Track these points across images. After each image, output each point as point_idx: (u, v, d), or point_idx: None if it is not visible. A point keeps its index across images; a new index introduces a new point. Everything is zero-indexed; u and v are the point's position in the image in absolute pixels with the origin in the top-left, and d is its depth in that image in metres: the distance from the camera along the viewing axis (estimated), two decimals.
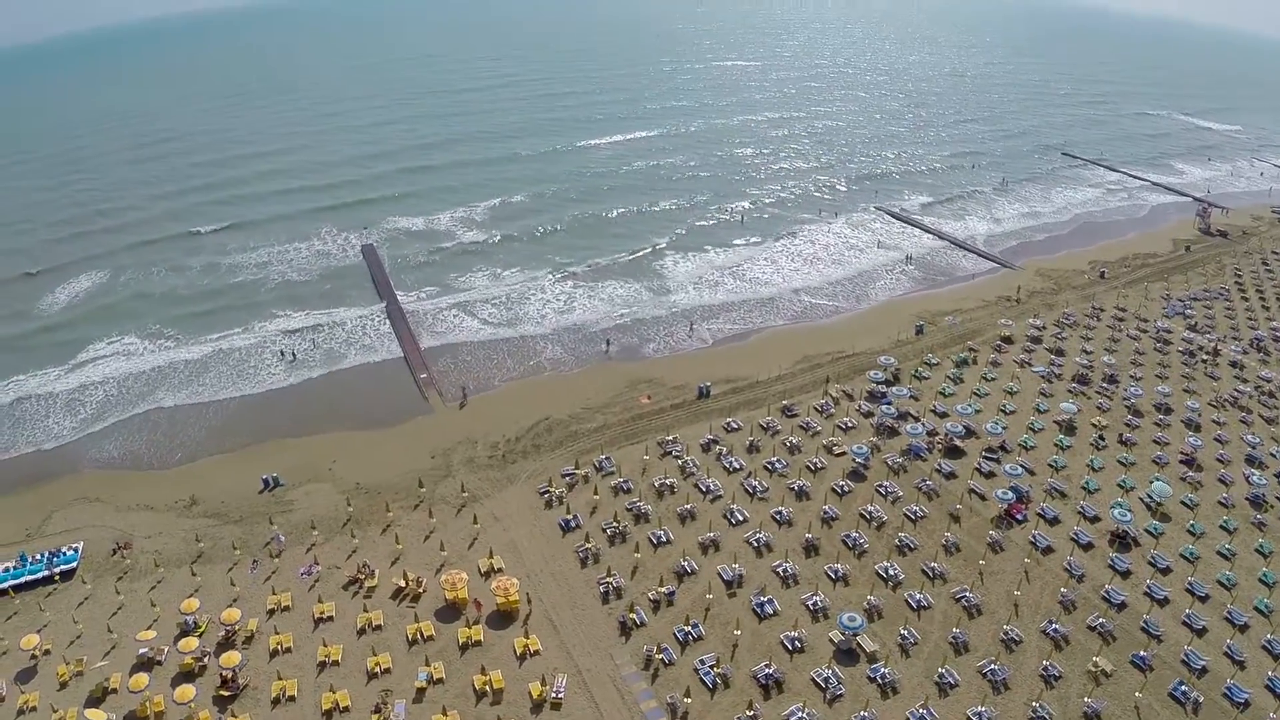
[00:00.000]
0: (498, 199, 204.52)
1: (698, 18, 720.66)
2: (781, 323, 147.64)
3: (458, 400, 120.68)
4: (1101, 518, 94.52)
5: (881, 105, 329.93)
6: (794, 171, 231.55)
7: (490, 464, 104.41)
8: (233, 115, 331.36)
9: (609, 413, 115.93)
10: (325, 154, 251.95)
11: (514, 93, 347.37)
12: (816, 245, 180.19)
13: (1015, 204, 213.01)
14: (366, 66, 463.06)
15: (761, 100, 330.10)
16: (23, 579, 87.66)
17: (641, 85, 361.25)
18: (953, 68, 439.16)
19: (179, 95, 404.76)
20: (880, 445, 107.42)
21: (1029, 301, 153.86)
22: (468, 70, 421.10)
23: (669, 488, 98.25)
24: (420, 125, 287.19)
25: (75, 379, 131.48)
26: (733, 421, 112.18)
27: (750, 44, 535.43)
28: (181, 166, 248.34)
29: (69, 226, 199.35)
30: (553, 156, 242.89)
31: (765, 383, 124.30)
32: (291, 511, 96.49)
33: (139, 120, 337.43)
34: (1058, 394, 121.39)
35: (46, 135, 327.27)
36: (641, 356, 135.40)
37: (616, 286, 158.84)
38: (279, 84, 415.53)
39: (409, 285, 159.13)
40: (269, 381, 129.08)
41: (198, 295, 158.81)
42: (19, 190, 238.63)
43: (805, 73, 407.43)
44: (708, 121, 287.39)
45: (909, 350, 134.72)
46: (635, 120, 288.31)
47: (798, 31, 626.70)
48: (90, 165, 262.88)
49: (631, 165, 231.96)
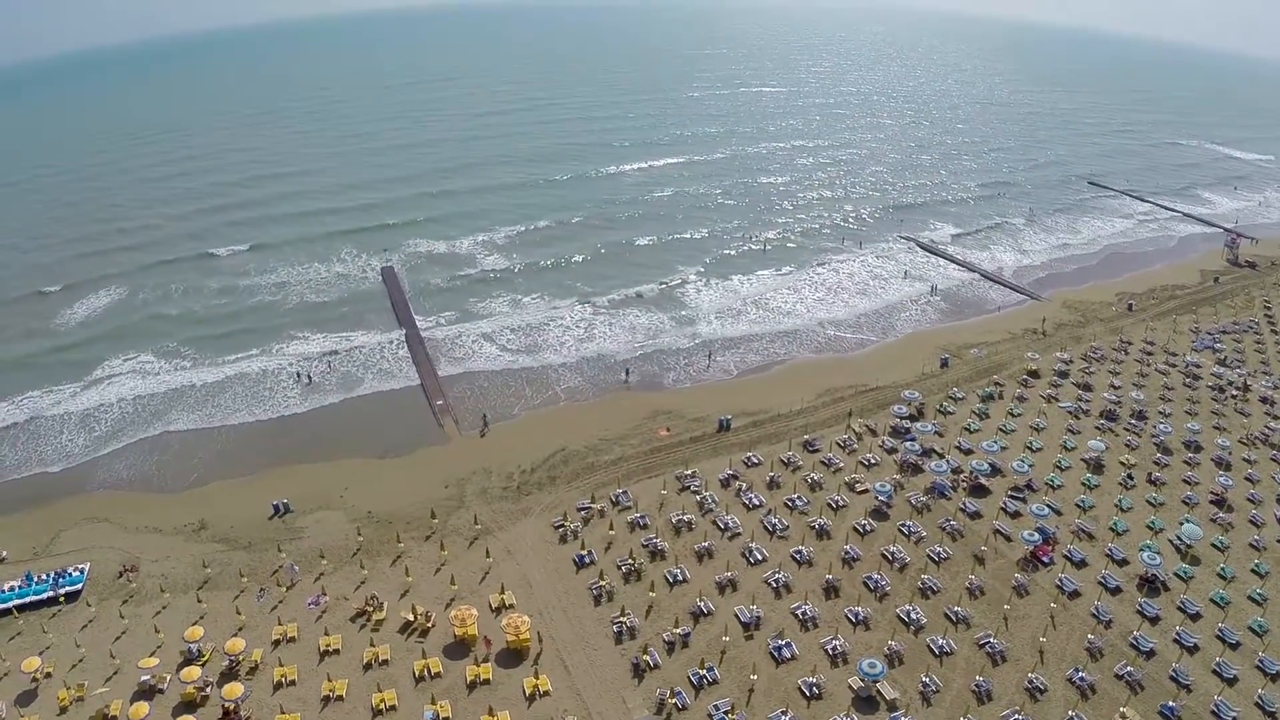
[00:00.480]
0: (520, 225, 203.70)
1: (725, 43, 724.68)
2: (804, 354, 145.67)
3: (478, 428, 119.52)
4: (1130, 560, 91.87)
5: (908, 133, 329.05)
6: (819, 200, 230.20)
7: (504, 495, 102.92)
8: (257, 133, 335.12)
9: (627, 444, 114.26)
10: (347, 176, 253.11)
11: (538, 116, 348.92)
12: (841, 275, 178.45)
13: (1042, 234, 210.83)
14: (392, 87, 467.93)
15: (788, 128, 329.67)
16: (28, 599, 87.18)
17: (668, 111, 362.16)
18: (980, 95, 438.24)
19: (205, 111, 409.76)
20: (903, 483, 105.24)
21: (1056, 334, 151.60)
22: (491, 93, 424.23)
23: (687, 524, 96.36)
24: (443, 148, 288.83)
25: (89, 397, 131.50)
26: (753, 456, 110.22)
27: (777, 70, 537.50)
28: (204, 185, 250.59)
29: (89, 243, 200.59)
30: (576, 183, 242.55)
31: (787, 416, 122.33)
32: (301, 539, 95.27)
33: (164, 136, 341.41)
34: (1085, 430, 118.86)
35: (73, 149, 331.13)
36: (661, 387, 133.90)
37: (638, 315, 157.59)
38: (304, 103, 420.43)
39: (428, 310, 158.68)
40: (283, 405, 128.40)
41: (215, 315, 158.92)
42: (41, 204, 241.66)
43: (832, 99, 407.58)
44: (734, 149, 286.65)
45: (934, 384, 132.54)
46: (661, 147, 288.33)
47: (823, 59, 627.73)
48: (113, 181, 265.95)
49: (656, 193, 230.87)
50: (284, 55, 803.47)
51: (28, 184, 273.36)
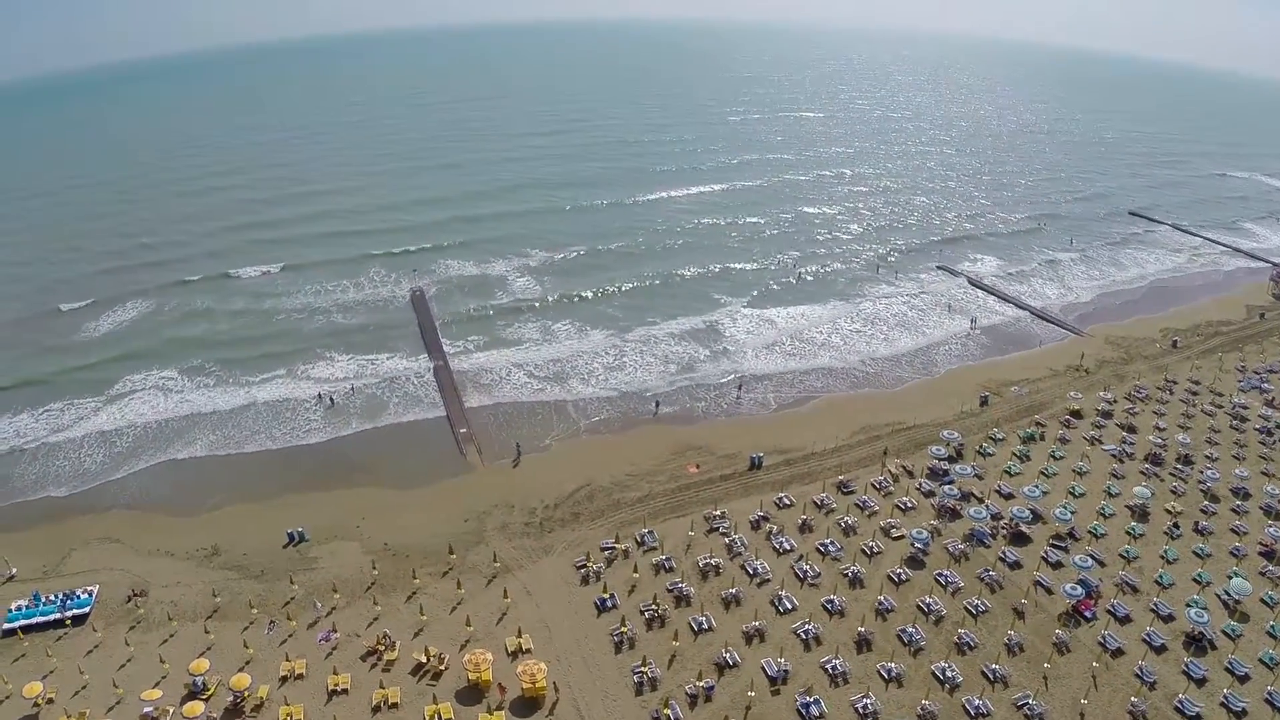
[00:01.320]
0: (553, 251, 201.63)
1: (762, 65, 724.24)
2: (841, 389, 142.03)
3: (504, 458, 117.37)
4: (1176, 616, 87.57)
5: (950, 162, 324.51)
6: (858, 230, 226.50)
7: (526, 532, 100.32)
8: (291, 150, 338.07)
9: (654, 481, 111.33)
10: (379, 196, 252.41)
11: (576, 139, 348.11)
12: (879, 307, 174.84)
13: (1083, 266, 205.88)
14: (429, 105, 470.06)
15: (828, 156, 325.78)
16: (34, 619, 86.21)
17: (707, 135, 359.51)
18: (1023, 123, 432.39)
19: (242, 125, 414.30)
20: (941, 529, 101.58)
21: (1099, 372, 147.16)
22: (528, 114, 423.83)
23: (714, 568, 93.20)
24: (479, 170, 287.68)
25: (110, 414, 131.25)
26: (785, 497, 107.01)
27: (814, 94, 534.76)
28: (234, 202, 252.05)
29: (114, 259, 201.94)
30: (614, 210, 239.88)
31: (821, 455, 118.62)
32: (314, 570, 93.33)
33: (198, 150, 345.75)
34: (1130, 475, 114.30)
35: (106, 160, 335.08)
36: (692, 420, 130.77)
37: (670, 345, 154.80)
38: (339, 119, 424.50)
39: (456, 335, 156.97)
40: (305, 428, 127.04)
41: (239, 335, 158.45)
42: (71, 217, 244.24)
43: (870, 125, 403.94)
44: (773, 176, 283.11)
45: (973, 423, 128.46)
46: (700, 173, 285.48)
47: (858, 83, 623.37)
48: (143, 195, 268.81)
49: (694, 221, 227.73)
50: (323, 70, 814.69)
51: (59, 195, 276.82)
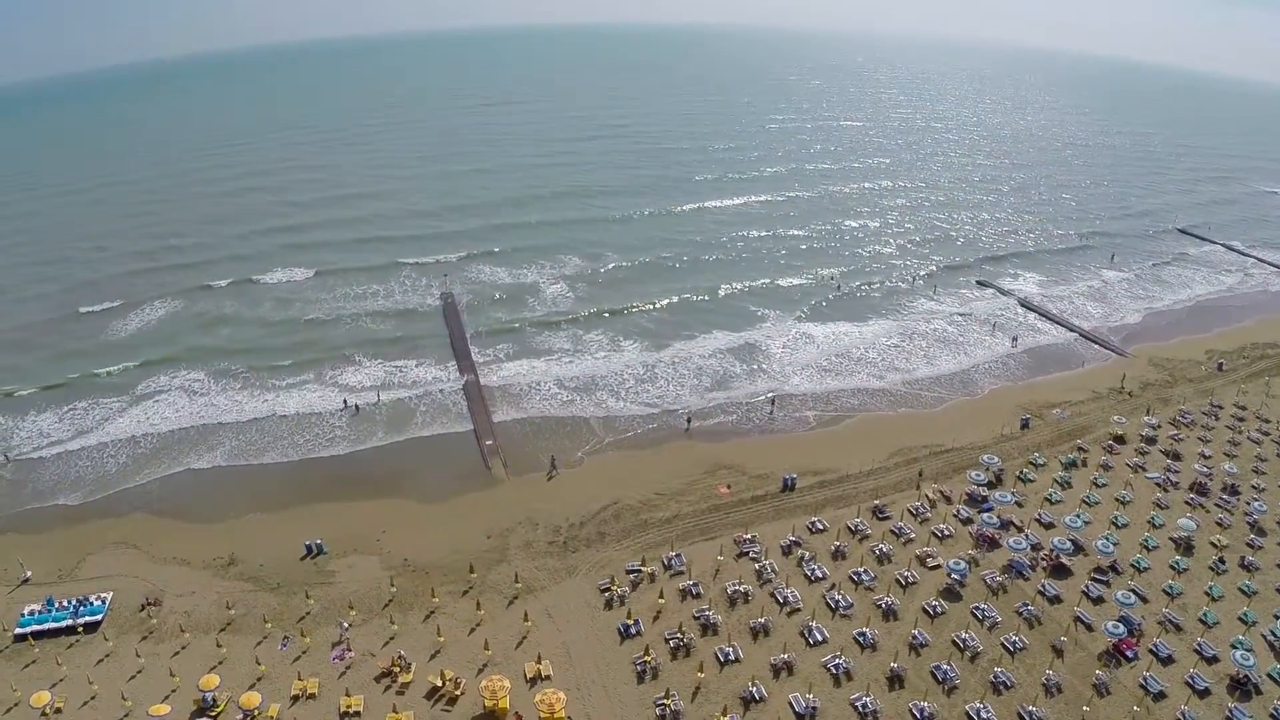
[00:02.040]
0: (587, 261, 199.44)
1: (806, 73, 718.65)
2: (878, 408, 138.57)
3: (537, 471, 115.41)
4: (1220, 658, 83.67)
5: (991, 174, 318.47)
6: (898, 244, 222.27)
7: (550, 551, 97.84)
8: (327, 151, 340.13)
9: (683, 501, 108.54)
10: (412, 201, 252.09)
11: (615, 145, 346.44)
12: (918, 324, 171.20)
13: (1128, 284, 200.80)
14: (466, 108, 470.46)
15: (868, 166, 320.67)
16: (46, 625, 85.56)
17: (748, 143, 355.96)
18: (1066, 135, 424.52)
19: (275, 125, 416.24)
20: (979, 559, 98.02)
21: (1142, 395, 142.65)
22: (564, 119, 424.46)
23: (743, 595, 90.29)
24: (515, 176, 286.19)
25: (134, 416, 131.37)
26: (818, 521, 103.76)
27: (859, 103, 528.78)
28: (266, 203, 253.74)
29: (142, 259, 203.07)
30: (650, 220, 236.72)
31: (856, 477, 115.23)
32: (331, 584, 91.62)
33: (233, 150, 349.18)
34: (1174, 506, 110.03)
35: (140, 158, 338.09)
36: (724, 438, 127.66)
37: (705, 360, 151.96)
38: (376, 121, 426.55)
39: (486, 344, 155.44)
40: (329, 436, 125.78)
41: (266, 340, 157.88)
42: (99, 217, 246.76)
43: (911, 136, 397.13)
44: (813, 187, 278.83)
45: (1013, 447, 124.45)
46: (739, 183, 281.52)
47: (898, 91, 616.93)
48: (175, 194, 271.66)
49: (732, 233, 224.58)
50: (361, 71, 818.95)
51: (91, 193, 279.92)
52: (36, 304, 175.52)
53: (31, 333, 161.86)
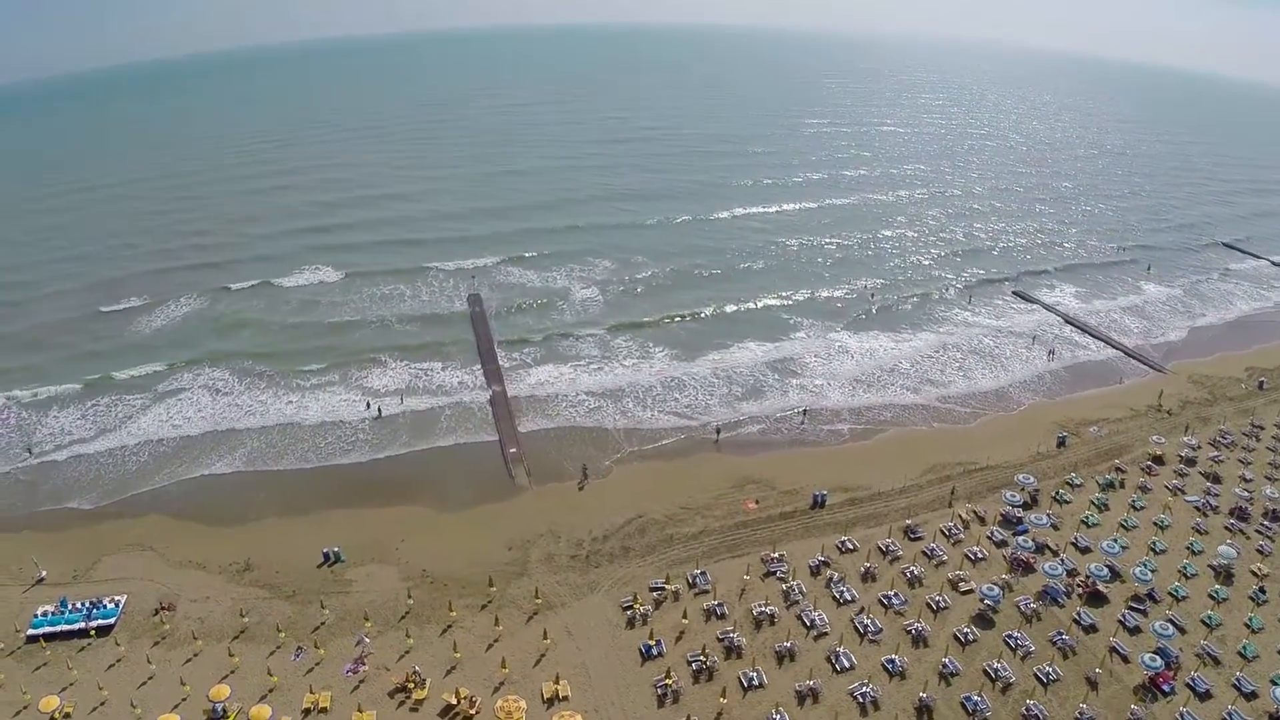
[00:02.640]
0: (619, 268, 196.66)
1: (845, 75, 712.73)
2: (911, 422, 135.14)
3: (561, 481, 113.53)
4: (1260, 694, 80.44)
5: (1030, 183, 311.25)
6: (935, 254, 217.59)
7: (571, 566, 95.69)
8: (358, 151, 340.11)
9: (710, 516, 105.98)
10: (443, 203, 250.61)
11: (646, 149, 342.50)
12: (953, 336, 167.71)
13: (1168, 298, 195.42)
14: (500, 109, 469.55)
15: (906, 174, 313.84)
16: (59, 627, 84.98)
17: (786, 148, 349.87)
18: (1105, 143, 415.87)
19: (309, 122, 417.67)
20: (1013, 584, 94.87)
21: (1181, 413, 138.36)
22: (599, 121, 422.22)
23: (769, 617, 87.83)
24: (546, 179, 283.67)
25: (155, 416, 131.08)
26: (848, 541, 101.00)
27: (897, 107, 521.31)
28: (294, 203, 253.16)
29: (167, 258, 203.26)
30: (684, 227, 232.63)
31: (887, 495, 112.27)
32: (348, 594, 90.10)
33: (263, 147, 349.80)
34: (1214, 531, 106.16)
35: (171, 155, 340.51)
36: (753, 451, 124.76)
37: (736, 370, 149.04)
38: (408, 120, 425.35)
39: (512, 350, 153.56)
40: (350, 440, 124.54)
41: (290, 341, 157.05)
42: (127, 214, 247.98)
43: (950, 143, 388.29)
44: (851, 195, 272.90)
45: (1049, 466, 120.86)
46: (775, 189, 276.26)
47: (941, 95, 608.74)
48: (204, 191, 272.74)
49: (767, 241, 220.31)
50: (397, 68, 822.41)
51: (120, 189, 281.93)
52: (61, 301, 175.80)
53: (56, 329, 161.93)
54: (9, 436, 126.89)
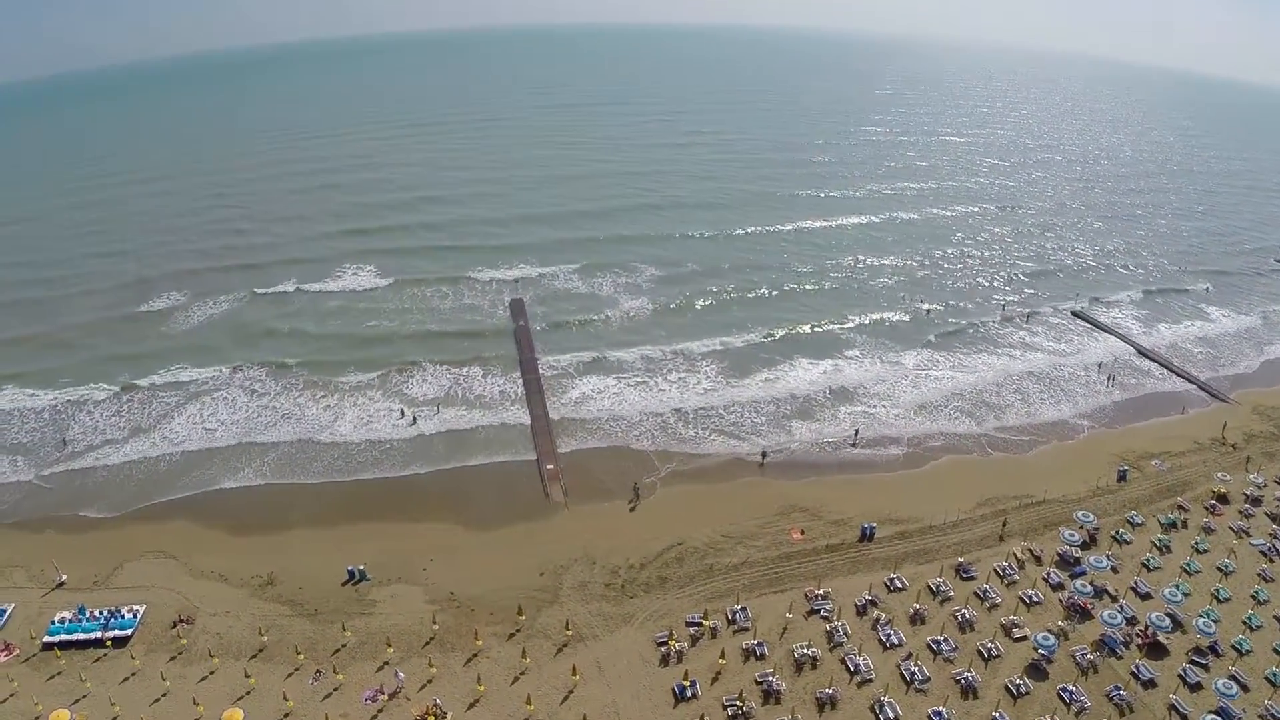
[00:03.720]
0: (666, 280, 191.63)
1: (899, 82, 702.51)
2: (965, 449, 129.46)
3: (599, 501, 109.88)
4: None
5: (1095, 201, 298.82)
6: (996, 275, 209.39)
7: (606, 595, 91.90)
8: (407, 149, 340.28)
9: (753, 546, 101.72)
10: (490, 207, 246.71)
11: (700, 155, 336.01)
12: (1012, 359, 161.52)
13: (1235, 324, 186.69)
14: (553, 108, 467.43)
15: (967, 189, 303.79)
16: (75, 635, 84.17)
17: (846, 160, 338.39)
18: (1180, 163, 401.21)
19: (355, 118, 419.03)
20: (1069, 631, 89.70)
21: (1246, 447, 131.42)
22: (654, 123, 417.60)
23: (810, 660, 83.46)
24: (597, 185, 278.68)
25: (189, 417, 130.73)
26: (897, 579, 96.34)
27: (958, 116, 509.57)
28: (337, 204, 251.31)
29: (205, 257, 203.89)
30: (738, 239, 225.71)
31: (940, 528, 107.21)
32: (371, 615, 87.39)
33: (309, 143, 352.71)
34: None
35: (211, 150, 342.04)
36: (800, 475, 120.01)
37: (786, 390, 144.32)
38: (459, 118, 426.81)
39: (554, 361, 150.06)
40: (382, 450, 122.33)
41: (327, 345, 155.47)
42: (167, 210, 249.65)
43: (1013, 158, 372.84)
44: (913, 211, 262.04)
45: (1109, 502, 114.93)
46: (835, 202, 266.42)
47: (1000, 104, 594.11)
48: (246, 188, 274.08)
49: (825, 257, 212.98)
50: (449, 65, 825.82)
51: (163, 184, 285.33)
52: (100, 297, 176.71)
53: (92, 327, 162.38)
54: (43, 431, 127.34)
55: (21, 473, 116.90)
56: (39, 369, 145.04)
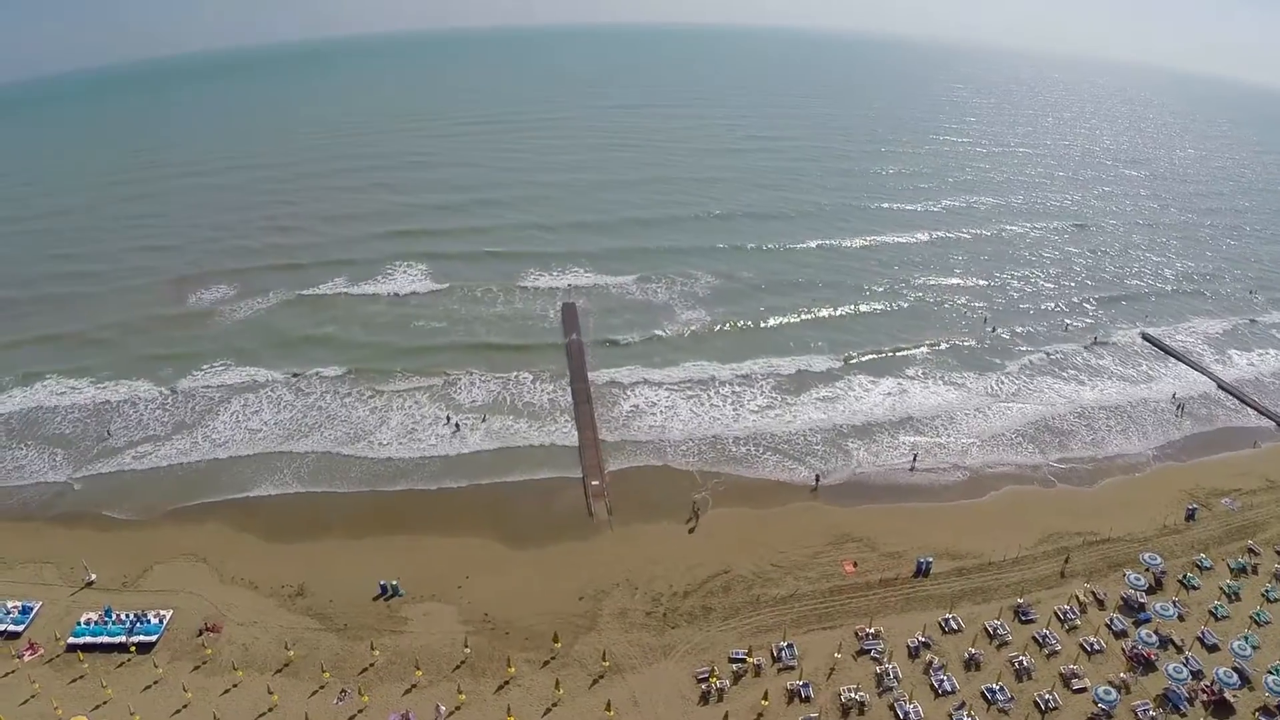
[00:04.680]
0: (723, 292, 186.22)
1: (973, 90, 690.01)
2: (1026, 479, 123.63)
3: (641, 522, 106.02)
4: None
5: (1168, 220, 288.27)
6: (1066, 295, 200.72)
7: (646, 624, 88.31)
8: (455, 149, 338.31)
9: (803, 576, 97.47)
10: (541, 214, 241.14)
11: (762, 161, 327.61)
12: (1078, 385, 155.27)
13: None
14: (613, 109, 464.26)
15: (1040, 205, 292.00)
16: (100, 638, 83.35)
17: (916, 169, 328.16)
18: (1251, 179, 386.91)
19: (413, 115, 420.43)
20: (1131, 684, 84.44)
21: None
22: (715, 125, 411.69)
23: (858, 705, 79.29)
24: (652, 190, 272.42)
25: (231, 415, 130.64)
26: (952, 619, 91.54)
27: (1026, 125, 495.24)
28: (388, 205, 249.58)
29: (256, 253, 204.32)
30: (803, 252, 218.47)
31: (999, 565, 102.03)
32: (401, 634, 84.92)
33: (364, 140, 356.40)
34: None
35: (267, 143, 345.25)
36: (854, 501, 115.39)
37: (844, 412, 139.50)
38: (521, 115, 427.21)
39: (605, 373, 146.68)
40: (425, 457, 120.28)
41: (374, 347, 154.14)
42: (220, 205, 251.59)
43: (1083, 173, 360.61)
44: (984, 228, 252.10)
45: (1176, 543, 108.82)
46: (906, 216, 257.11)
47: (1065, 114, 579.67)
48: (299, 184, 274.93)
49: (892, 272, 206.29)
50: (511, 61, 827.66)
51: (216, 178, 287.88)
52: (146, 294, 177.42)
53: (138, 322, 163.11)
54: (85, 424, 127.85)
55: (60, 468, 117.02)
56: (81, 364, 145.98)
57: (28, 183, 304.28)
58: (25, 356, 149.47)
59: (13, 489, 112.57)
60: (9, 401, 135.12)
